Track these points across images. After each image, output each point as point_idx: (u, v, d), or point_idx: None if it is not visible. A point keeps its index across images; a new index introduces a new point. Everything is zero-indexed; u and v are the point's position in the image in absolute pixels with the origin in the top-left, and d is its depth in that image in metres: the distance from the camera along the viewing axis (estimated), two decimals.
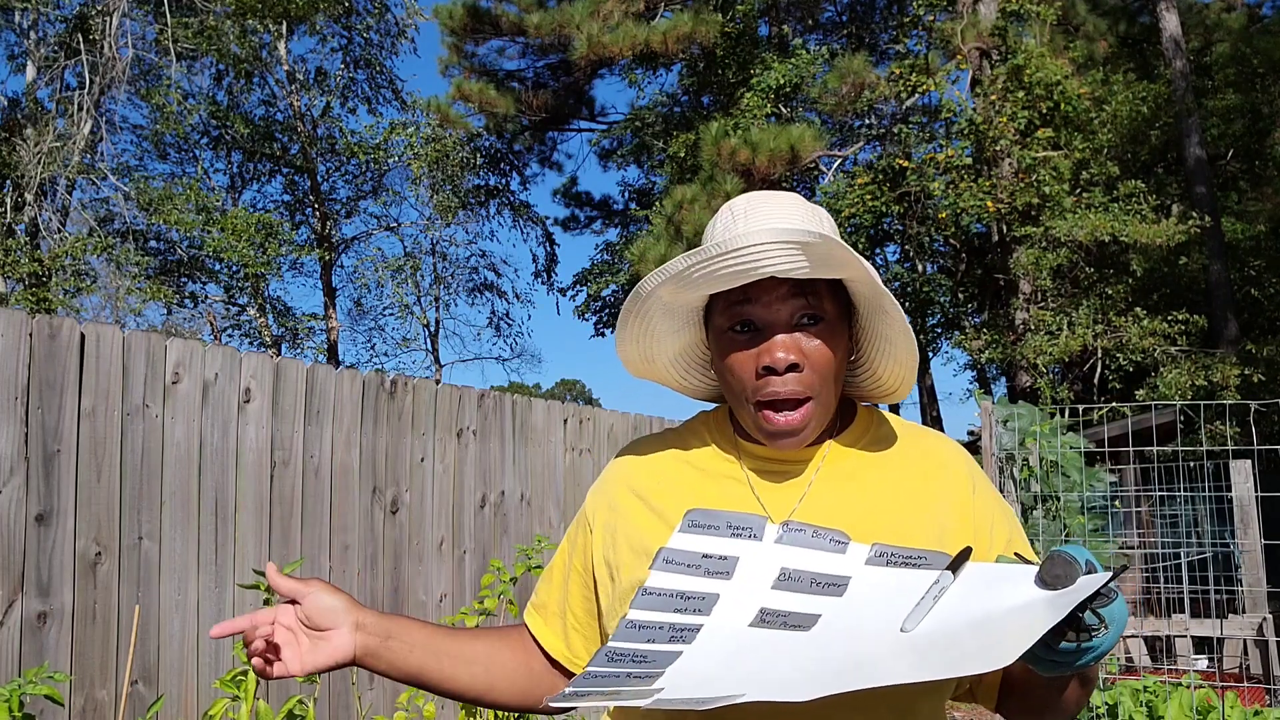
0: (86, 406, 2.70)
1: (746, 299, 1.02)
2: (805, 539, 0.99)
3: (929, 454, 1.11)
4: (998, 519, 1.08)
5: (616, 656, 0.89)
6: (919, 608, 0.86)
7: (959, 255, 14.18)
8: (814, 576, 0.94)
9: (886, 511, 1.03)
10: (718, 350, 1.06)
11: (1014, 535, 1.10)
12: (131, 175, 14.52)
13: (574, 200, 20.10)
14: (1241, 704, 3.85)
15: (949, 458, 1.11)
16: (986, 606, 0.84)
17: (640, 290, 1.04)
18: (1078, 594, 0.80)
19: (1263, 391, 11.26)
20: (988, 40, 11.47)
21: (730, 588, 0.94)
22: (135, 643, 2.70)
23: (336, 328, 16.73)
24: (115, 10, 12.49)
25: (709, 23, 12.91)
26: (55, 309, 11.55)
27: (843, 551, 0.97)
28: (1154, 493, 6.53)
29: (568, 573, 1.16)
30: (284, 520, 3.24)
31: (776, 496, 1.05)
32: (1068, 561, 0.83)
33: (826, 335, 1.02)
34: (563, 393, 43.18)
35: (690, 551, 0.99)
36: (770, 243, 0.95)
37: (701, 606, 0.93)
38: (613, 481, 1.15)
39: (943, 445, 1.13)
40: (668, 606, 0.94)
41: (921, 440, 1.13)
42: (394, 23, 16.61)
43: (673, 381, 1.18)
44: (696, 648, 0.88)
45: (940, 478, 1.08)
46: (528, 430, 4.40)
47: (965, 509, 1.06)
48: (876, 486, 1.06)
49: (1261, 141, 14.46)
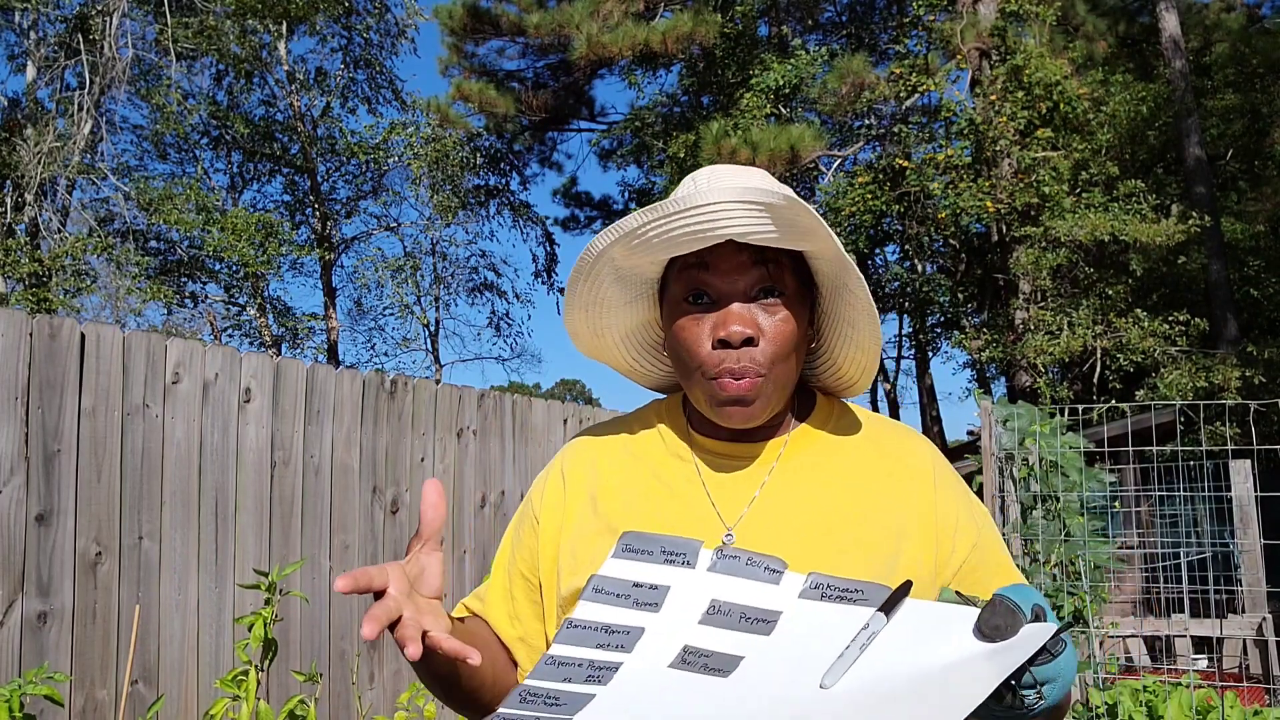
0: (87, 406, 2.70)
1: (704, 265, 0.94)
2: (739, 567, 0.90)
3: (891, 449, 1.04)
4: (963, 521, 1.01)
5: (529, 697, 0.82)
6: (842, 659, 0.77)
7: (959, 255, 14.18)
8: (744, 610, 0.86)
9: (842, 512, 0.97)
10: (670, 320, 0.98)
11: (982, 539, 1.01)
12: (131, 175, 14.53)
13: (574, 200, 20.11)
14: (1241, 704, 3.85)
15: (912, 452, 1.03)
16: (920, 660, 0.76)
17: (591, 248, 0.96)
18: (1019, 650, 0.72)
19: (1263, 393, 11.26)
20: (987, 40, 11.48)
21: (657, 621, 0.87)
22: (135, 642, 2.71)
23: (336, 328, 16.73)
24: (115, 10, 12.49)
25: (709, 23, 12.92)
26: (55, 309, 11.55)
27: (776, 582, 0.88)
28: (1154, 493, 6.53)
29: (511, 576, 1.08)
30: (284, 520, 3.24)
31: (729, 494, 0.99)
32: (1010, 610, 0.75)
33: (786, 311, 0.95)
34: (563, 393, 43.19)
35: (621, 580, 0.92)
36: (733, 201, 0.88)
37: (625, 642, 0.86)
38: (564, 475, 1.08)
39: (907, 439, 1.06)
40: (591, 641, 0.87)
41: (884, 434, 1.06)
42: (394, 23, 16.62)
43: (623, 363, 1.10)
44: (610, 690, 0.81)
45: (902, 475, 1.01)
46: (528, 430, 4.40)
47: (927, 509, 0.99)
48: (834, 484, 0.99)
49: (1261, 141, 14.46)
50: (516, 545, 1.09)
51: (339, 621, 3.40)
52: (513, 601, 1.07)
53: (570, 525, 1.03)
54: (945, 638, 0.77)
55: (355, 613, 3.47)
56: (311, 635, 3.30)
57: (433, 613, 0.84)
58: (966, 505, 1.03)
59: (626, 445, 1.07)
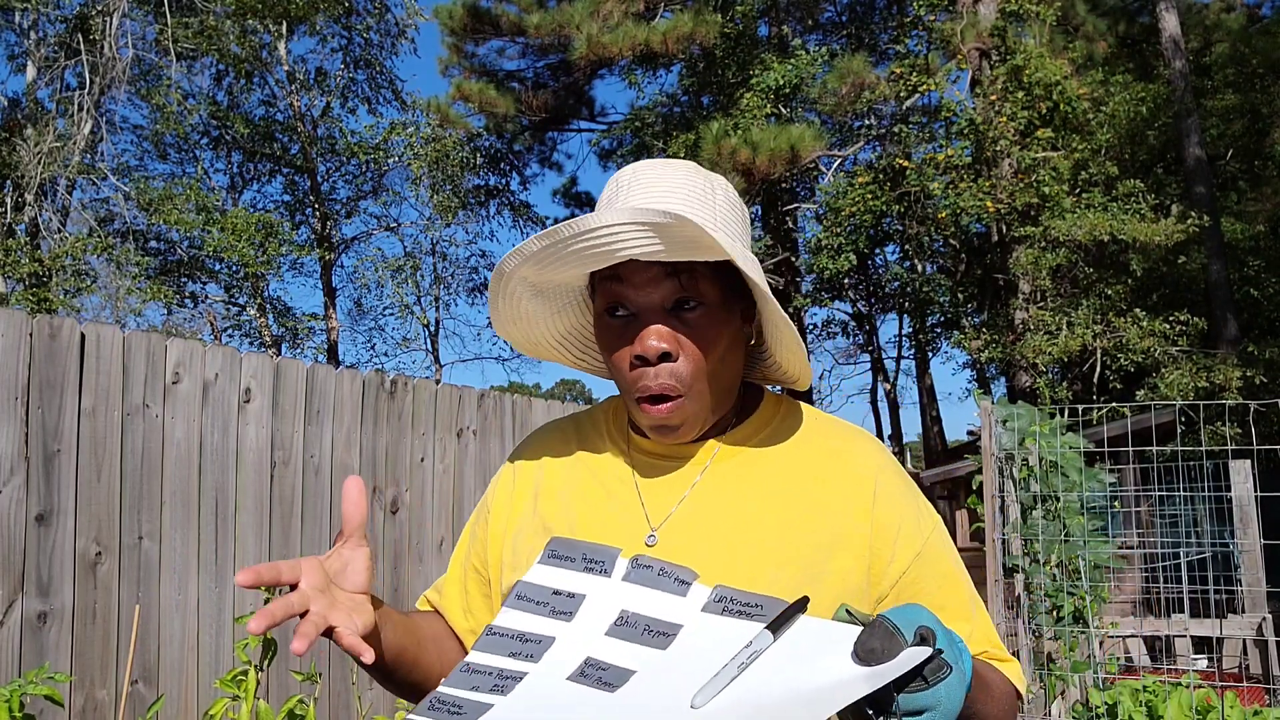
0: (87, 406, 2.70)
1: (618, 278, 0.93)
2: (651, 576, 0.88)
3: (832, 452, 0.99)
4: (906, 529, 0.95)
5: (436, 704, 0.81)
6: (717, 678, 0.74)
7: (959, 255, 14.18)
8: (648, 623, 0.84)
9: (769, 518, 0.94)
10: (596, 332, 0.99)
11: (928, 548, 0.96)
12: (131, 175, 14.55)
13: (574, 200, 20.10)
14: (1241, 704, 3.85)
15: (855, 455, 0.99)
16: (795, 682, 0.72)
17: (500, 270, 0.95)
18: (891, 673, 0.68)
19: (1263, 392, 11.26)
20: (987, 40, 11.48)
21: (568, 631, 0.86)
22: (135, 642, 2.71)
23: (336, 328, 16.74)
24: (115, 10, 12.49)
25: (709, 23, 12.92)
26: (55, 309, 11.55)
27: (684, 594, 0.86)
28: (1154, 493, 6.53)
29: (465, 569, 1.09)
30: (284, 520, 3.24)
31: (660, 497, 0.97)
32: (888, 632, 0.70)
33: (706, 322, 0.92)
34: (563, 393, 43.19)
35: (542, 587, 0.91)
36: (625, 223, 0.86)
37: (535, 652, 0.85)
38: (515, 471, 1.09)
39: (852, 441, 1.01)
40: (505, 649, 0.87)
41: (828, 436, 1.01)
42: (394, 23, 16.64)
43: (569, 361, 1.10)
44: (507, 701, 0.81)
45: (840, 479, 0.96)
46: (528, 430, 4.40)
47: (862, 516, 0.94)
48: (764, 488, 0.96)
49: (1261, 141, 14.47)
50: (472, 539, 1.10)
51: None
52: (466, 595, 1.07)
53: (514, 522, 1.04)
54: (825, 659, 0.73)
55: None
56: None
57: (351, 608, 0.83)
58: (913, 512, 0.97)
59: (573, 443, 1.07)
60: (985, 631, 0.98)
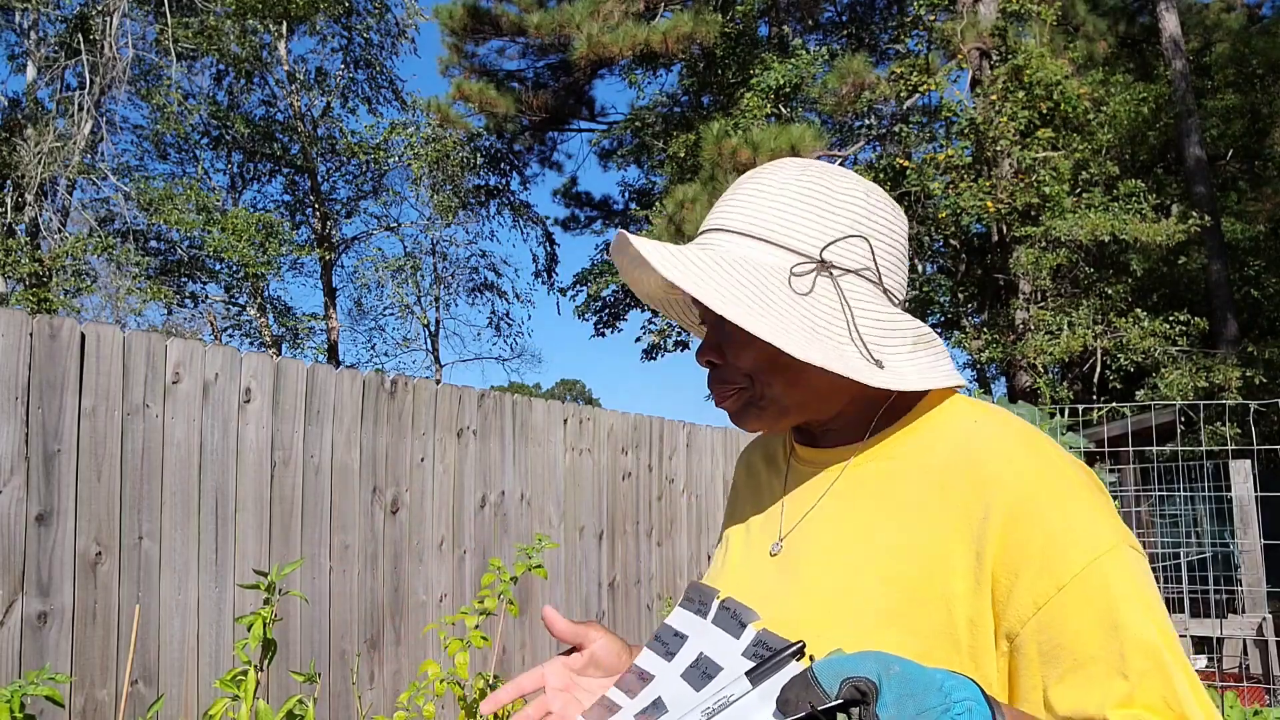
0: (87, 406, 2.70)
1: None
2: (725, 618, 0.85)
3: (968, 458, 0.84)
4: (1047, 554, 0.76)
5: None
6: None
7: (959, 255, 14.18)
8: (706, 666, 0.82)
9: (885, 531, 0.85)
10: None
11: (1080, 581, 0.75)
12: (132, 175, 14.54)
13: (574, 200, 20.10)
14: (1241, 704, 3.85)
15: (989, 464, 0.82)
16: None
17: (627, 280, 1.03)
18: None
19: (1263, 393, 11.26)
20: (988, 40, 11.48)
21: (664, 670, 0.86)
22: (135, 642, 2.71)
23: (336, 328, 16.74)
24: (115, 10, 12.49)
25: (709, 23, 12.92)
26: (56, 309, 11.56)
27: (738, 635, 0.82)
28: (1154, 493, 6.53)
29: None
30: (284, 520, 3.24)
31: (797, 505, 0.96)
32: (807, 684, 0.62)
33: (738, 329, 0.90)
34: (563, 393, 43.18)
35: (670, 627, 0.90)
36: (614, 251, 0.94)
37: (635, 689, 0.86)
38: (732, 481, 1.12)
39: (994, 446, 0.83)
40: (624, 685, 0.87)
41: (974, 439, 0.85)
42: (394, 23, 16.64)
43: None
44: None
45: (963, 489, 0.82)
46: (528, 430, 4.40)
47: (980, 533, 0.79)
48: (889, 498, 0.87)
49: (1261, 141, 14.47)
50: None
51: (339, 621, 3.40)
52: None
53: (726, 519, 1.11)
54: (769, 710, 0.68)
55: (355, 613, 3.47)
56: (311, 635, 3.30)
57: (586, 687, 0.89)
58: (1063, 535, 0.76)
59: (760, 451, 1.10)
60: (1152, 694, 0.73)
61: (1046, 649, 0.75)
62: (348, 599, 3.44)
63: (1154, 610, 0.75)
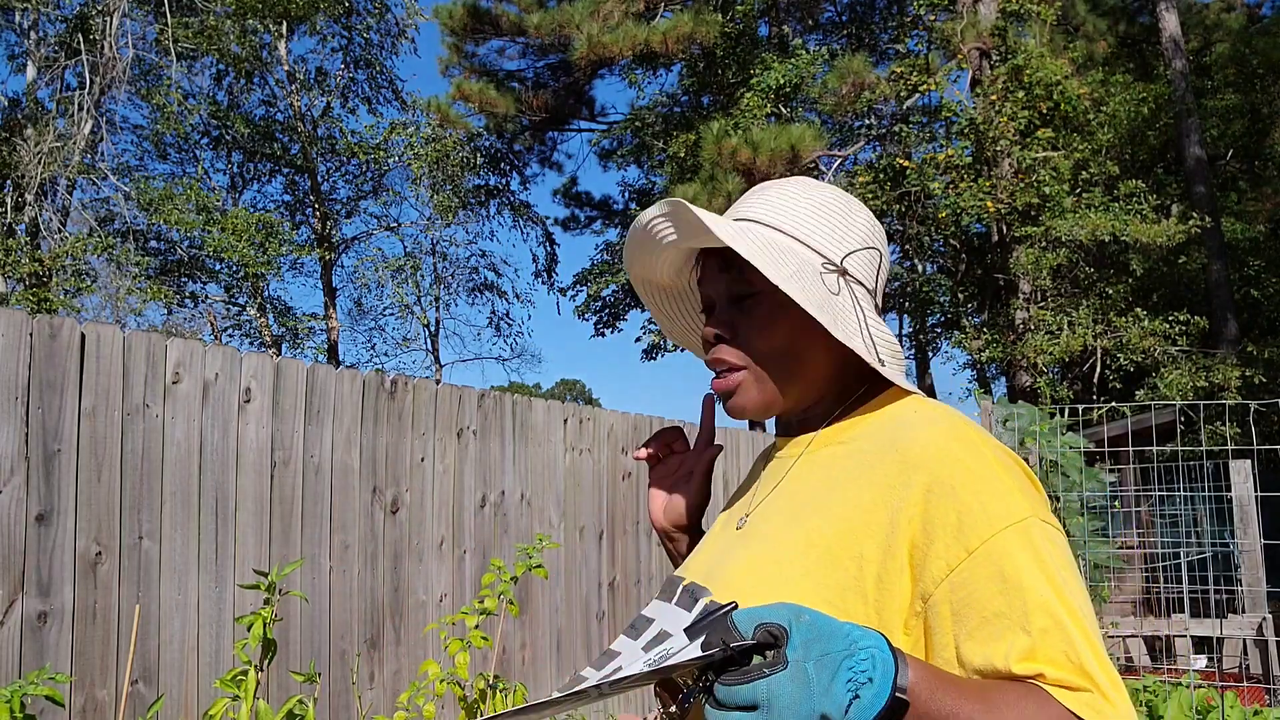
0: (87, 406, 2.70)
1: (701, 279, 1.05)
2: (686, 600, 0.90)
3: (893, 439, 0.91)
4: (963, 523, 0.82)
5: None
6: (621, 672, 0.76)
7: (959, 255, 14.19)
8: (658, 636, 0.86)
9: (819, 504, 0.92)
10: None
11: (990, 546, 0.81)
12: (132, 175, 14.54)
13: (574, 200, 20.10)
14: (1241, 704, 3.85)
15: (913, 444, 0.89)
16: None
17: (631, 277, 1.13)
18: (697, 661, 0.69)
19: (1263, 392, 11.27)
20: (988, 40, 11.48)
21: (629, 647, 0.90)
22: (135, 642, 2.71)
23: (336, 328, 16.74)
24: (115, 10, 12.49)
25: (709, 23, 12.92)
26: (55, 309, 11.55)
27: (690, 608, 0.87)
28: (1154, 493, 6.53)
29: None
30: (284, 520, 3.24)
31: (766, 487, 1.03)
32: (726, 627, 0.70)
33: (762, 309, 0.98)
34: (563, 393, 43.18)
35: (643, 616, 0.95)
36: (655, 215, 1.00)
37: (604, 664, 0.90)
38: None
39: (919, 430, 0.90)
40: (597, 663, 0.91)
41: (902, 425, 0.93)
42: (394, 23, 16.64)
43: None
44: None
45: (887, 466, 0.89)
46: (528, 430, 4.40)
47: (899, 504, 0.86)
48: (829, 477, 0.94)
49: (1261, 141, 14.48)
50: None
51: (339, 621, 3.40)
52: None
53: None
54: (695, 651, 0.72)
55: (355, 612, 3.47)
56: (311, 635, 3.30)
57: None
58: (978, 507, 0.83)
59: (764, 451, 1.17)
60: (1053, 649, 0.78)
61: (958, 608, 0.81)
62: (348, 599, 3.44)
63: (1055, 576, 0.81)
